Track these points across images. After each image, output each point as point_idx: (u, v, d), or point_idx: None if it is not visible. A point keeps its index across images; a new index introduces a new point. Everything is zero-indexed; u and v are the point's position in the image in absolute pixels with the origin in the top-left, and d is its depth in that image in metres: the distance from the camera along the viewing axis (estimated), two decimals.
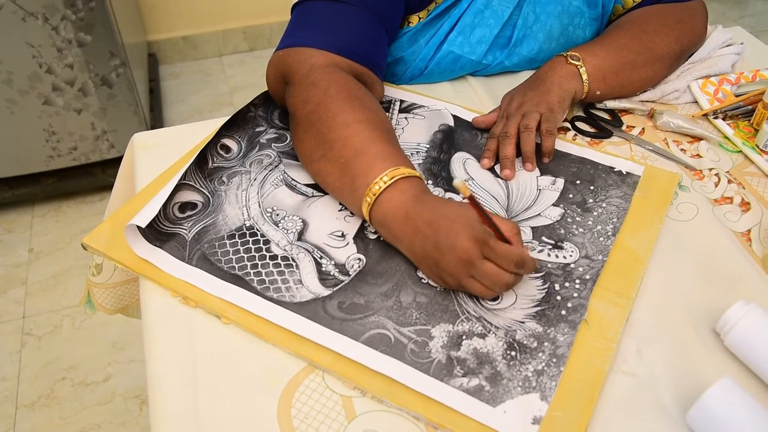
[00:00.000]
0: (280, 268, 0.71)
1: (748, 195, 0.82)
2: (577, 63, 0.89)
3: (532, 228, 0.76)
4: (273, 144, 0.86)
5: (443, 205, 0.67)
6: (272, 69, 0.86)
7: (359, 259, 0.72)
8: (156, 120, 2.09)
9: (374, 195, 0.69)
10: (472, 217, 0.65)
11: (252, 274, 0.70)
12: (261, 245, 0.73)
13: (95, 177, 1.90)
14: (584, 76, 0.89)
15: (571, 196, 0.81)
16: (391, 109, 0.93)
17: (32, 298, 1.70)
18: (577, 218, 0.78)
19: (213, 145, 0.84)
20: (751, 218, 0.79)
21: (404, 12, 0.92)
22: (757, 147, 0.89)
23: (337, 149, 0.73)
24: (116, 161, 1.86)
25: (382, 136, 0.74)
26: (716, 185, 0.84)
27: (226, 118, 0.86)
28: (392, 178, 0.69)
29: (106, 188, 1.96)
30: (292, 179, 0.81)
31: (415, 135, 0.89)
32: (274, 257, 0.72)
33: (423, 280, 0.70)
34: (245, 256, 0.72)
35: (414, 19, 0.94)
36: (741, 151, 0.89)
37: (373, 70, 0.86)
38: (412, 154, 0.85)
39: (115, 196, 0.93)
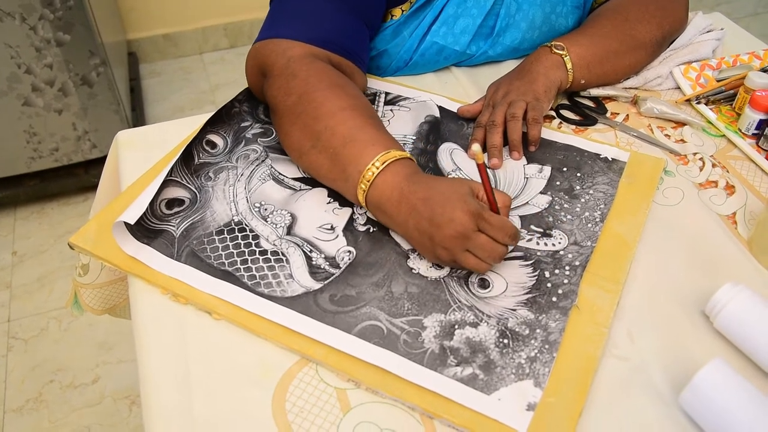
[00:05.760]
0: (270, 263, 0.70)
1: (733, 178, 0.83)
2: (561, 53, 0.90)
3: (521, 217, 0.76)
4: (259, 139, 0.86)
5: (437, 181, 0.68)
6: (250, 62, 0.85)
7: (349, 251, 0.72)
8: (138, 119, 2.07)
9: (368, 181, 0.69)
10: (466, 192, 0.66)
11: (242, 270, 0.69)
12: (250, 240, 0.73)
13: (78, 178, 1.88)
14: (569, 66, 0.89)
15: (558, 183, 0.81)
16: (376, 102, 0.93)
17: (17, 301, 1.69)
18: (565, 205, 0.78)
19: (198, 141, 0.83)
20: (736, 201, 0.80)
21: (386, 5, 0.92)
22: (740, 131, 0.89)
23: (324, 139, 0.73)
24: (99, 161, 1.84)
25: (368, 121, 0.74)
26: (701, 169, 0.84)
27: (210, 115, 0.86)
28: (384, 163, 0.69)
29: (89, 189, 1.94)
30: (279, 173, 0.81)
31: (401, 127, 0.88)
32: (263, 252, 0.71)
33: (414, 270, 0.70)
34: (234, 251, 0.71)
35: (397, 12, 0.93)
36: (724, 136, 0.90)
37: (352, 61, 0.86)
38: None
39: (101, 195, 0.92)
